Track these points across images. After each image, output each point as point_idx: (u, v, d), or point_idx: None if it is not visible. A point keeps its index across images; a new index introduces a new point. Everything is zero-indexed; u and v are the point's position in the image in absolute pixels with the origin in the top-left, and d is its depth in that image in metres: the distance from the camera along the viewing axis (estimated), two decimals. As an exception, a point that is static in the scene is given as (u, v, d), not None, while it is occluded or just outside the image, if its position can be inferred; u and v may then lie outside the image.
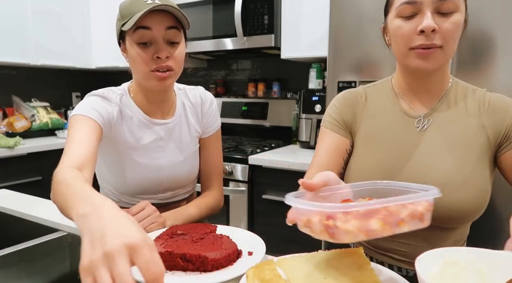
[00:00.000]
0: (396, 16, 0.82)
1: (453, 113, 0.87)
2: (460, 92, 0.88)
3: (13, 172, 2.20)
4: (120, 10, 0.95)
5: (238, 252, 0.75)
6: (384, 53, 1.57)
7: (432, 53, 0.79)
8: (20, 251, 0.87)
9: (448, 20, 0.77)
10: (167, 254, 0.71)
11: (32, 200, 1.19)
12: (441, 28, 0.77)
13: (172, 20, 0.93)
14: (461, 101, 0.87)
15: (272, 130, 2.55)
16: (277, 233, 1.92)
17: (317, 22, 2.01)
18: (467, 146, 0.84)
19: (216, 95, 2.81)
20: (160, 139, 1.05)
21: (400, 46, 0.82)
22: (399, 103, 0.91)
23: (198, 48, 2.38)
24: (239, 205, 2.02)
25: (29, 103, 2.73)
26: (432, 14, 0.77)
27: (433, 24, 0.76)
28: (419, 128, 0.87)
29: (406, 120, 0.89)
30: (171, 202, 1.11)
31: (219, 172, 1.18)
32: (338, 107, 0.96)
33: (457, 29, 0.79)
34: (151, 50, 0.92)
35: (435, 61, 0.80)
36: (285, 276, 0.60)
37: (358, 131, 0.94)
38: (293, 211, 0.59)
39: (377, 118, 0.92)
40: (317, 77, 2.23)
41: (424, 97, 0.89)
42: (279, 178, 1.91)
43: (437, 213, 0.80)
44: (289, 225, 0.60)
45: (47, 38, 2.59)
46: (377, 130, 0.91)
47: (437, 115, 0.87)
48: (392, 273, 0.64)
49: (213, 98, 1.17)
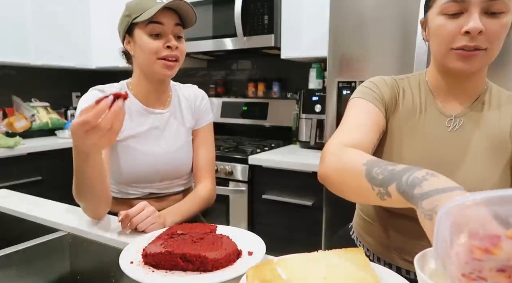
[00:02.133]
0: (439, 13, 0.77)
1: (485, 116, 0.83)
2: (495, 95, 0.85)
3: (13, 172, 2.20)
4: (127, 7, 1.05)
5: (238, 252, 0.75)
6: (384, 53, 1.58)
7: (475, 56, 0.74)
8: (20, 251, 0.87)
9: (496, 21, 0.72)
10: (167, 254, 0.71)
11: (32, 200, 1.19)
12: (488, 30, 0.72)
13: (178, 18, 1.06)
14: (494, 105, 0.84)
15: (272, 130, 2.55)
16: (277, 233, 1.92)
17: (317, 22, 2.01)
18: (497, 151, 0.80)
19: (216, 95, 2.81)
20: (155, 128, 1.12)
21: (441, 45, 0.78)
22: (433, 100, 0.87)
23: (198, 48, 2.38)
24: (239, 205, 2.02)
25: (29, 103, 2.73)
26: (480, 14, 0.72)
27: (480, 26, 0.71)
28: (450, 128, 0.84)
29: (439, 119, 0.85)
30: (168, 194, 1.17)
31: (211, 163, 1.21)
32: (378, 85, 0.88)
33: (504, 31, 0.73)
34: (161, 40, 1.03)
35: (477, 63, 0.75)
36: (285, 276, 0.60)
37: (392, 118, 0.87)
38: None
39: (411, 111, 0.87)
40: (317, 77, 2.24)
41: (458, 97, 0.85)
42: (279, 178, 1.91)
43: None
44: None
45: (47, 38, 2.59)
46: (411, 124, 0.86)
47: (469, 116, 0.83)
48: (392, 272, 0.64)
49: (205, 94, 1.26)
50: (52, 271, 0.92)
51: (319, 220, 1.69)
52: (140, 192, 1.13)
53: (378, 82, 0.89)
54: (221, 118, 2.70)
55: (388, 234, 0.90)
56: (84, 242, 0.92)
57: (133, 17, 1.02)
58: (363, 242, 0.98)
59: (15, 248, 0.87)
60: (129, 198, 1.13)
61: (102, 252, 0.89)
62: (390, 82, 0.89)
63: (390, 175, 0.60)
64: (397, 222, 0.88)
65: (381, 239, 0.92)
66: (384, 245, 0.91)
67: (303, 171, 1.80)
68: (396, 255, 0.89)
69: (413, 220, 0.81)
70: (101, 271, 0.89)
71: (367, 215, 0.96)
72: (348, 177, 0.69)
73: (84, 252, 0.92)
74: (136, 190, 1.12)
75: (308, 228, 1.81)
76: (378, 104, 0.85)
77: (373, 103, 0.85)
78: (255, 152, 2.08)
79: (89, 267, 0.92)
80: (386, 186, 0.60)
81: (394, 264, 0.90)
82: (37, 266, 0.90)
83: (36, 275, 0.90)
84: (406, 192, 0.56)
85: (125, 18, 1.05)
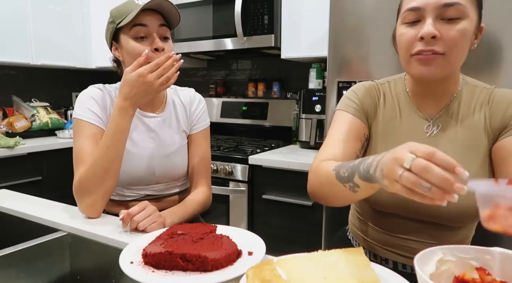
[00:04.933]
0: (401, 23, 0.81)
1: (461, 117, 0.86)
2: (469, 94, 0.87)
3: (13, 172, 2.20)
4: (112, 14, 1.05)
5: (238, 252, 0.75)
6: (384, 53, 1.58)
7: (434, 60, 0.76)
8: (20, 251, 0.87)
9: (451, 27, 0.75)
10: (167, 254, 0.71)
11: (32, 200, 1.19)
12: (444, 35, 0.75)
13: (162, 19, 1.05)
14: (469, 104, 0.86)
15: (272, 130, 2.55)
16: (277, 233, 1.92)
17: (317, 22, 2.01)
18: (473, 149, 0.83)
19: (216, 95, 2.81)
20: (151, 131, 1.13)
21: (403, 53, 0.82)
22: (412, 104, 0.90)
23: (198, 48, 2.38)
24: (239, 205, 2.02)
25: (29, 103, 2.73)
26: (435, 20, 0.75)
27: (432, 30, 0.74)
28: (428, 134, 0.87)
29: (417, 123, 0.88)
30: (165, 195, 1.18)
31: (206, 168, 1.21)
32: (359, 95, 0.94)
33: (462, 36, 0.75)
34: (147, 43, 1.02)
35: (437, 68, 0.77)
36: (285, 276, 0.61)
37: (374, 124, 0.92)
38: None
39: (392, 116, 0.91)
40: (317, 77, 2.23)
41: (434, 101, 0.88)
42: (279, 178, 1.91)
43: (447, 213, 0.82)
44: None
45: (47, 38, 2.59)
46: (392, 129, 0.90)
47: (445, 119, 0.87)
48: (392, 272, 0.64)
49: (202, 99, 1.25)
50: (52, 271, 0.92)
51: (319, 220, 1.69)
52: (136, 194, 1.13)
53: (359, 91, 0.94)
54: (221, 118, 2.70)
55: (380, 232, 0.94)
56: (84, 242, 0.92)
57: (117, 23, 1.02)
58: (358, 241, 1.01)
59: (15, 248, 0.87)
60: (126, 200, 1.13)
61: (102, 252, 0.89)
62: (370, 89, 0.94)
63: (351, 170, 0.71)
64: (387, 221, 0.92)
65: (374, 236, 0.95)
66: (378, 242, 0.94)
67: (303, 171, 1.80)
68: (390, 251, 0.92)
69: (401, 218, 0.89)
70: (101, 271, 0.89)
71: (361, 214, 1.00)
72: (325, 186, 0.80)
73: (84, 252, 0.92)
74: (132, 192, 1.13)
75: (308, 228, 1.81)
76: (358, 114, 0.91)
77: (353, 115, 0.91)
78: (255, 152, 2.08)
79: (89, 267, 0.92)
80: (352, 179, 0.70)
81: (390, 259, 0.92)
82: (37, 266, 0.90)
83: (36, 275, 0.90)
84: (366, 177, 0.66)
85: (110, 25, 1.05)
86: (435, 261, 0.57)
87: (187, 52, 2.43)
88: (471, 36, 0.78)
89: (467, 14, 0.75)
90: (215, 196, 1.24)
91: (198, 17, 2.34)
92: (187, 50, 2.42)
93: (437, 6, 0.74)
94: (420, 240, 0.89)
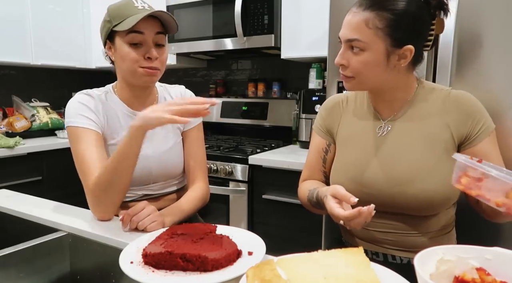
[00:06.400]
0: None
1: (416, 116, 0.94)
2: (425, 95, 0.95)
3: (13, 172, 2.20)
4: (109, 11, 1.03)
5: (238, 252, 0.75)
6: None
7: (348, 81, 0.93)
8: (20, 251, 0.87)
9: (355, 58, 0.89)
10: (167, 254, 0.71)
11: (32, 200, 1.19)
12: (350, 63, 0.90)
13: (160, 26, 1.03)
14: (425, 104, 0.94)
15: (272, 130, 2.55)
16: (277, 233, 1.92)
17: (317, 22, 2.01)
18: (431, 142, 0.91)
19: (216, 95, 2.81)
20: None
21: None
22: (372, 107, 1.00)
23: (198, 48, 2.38)
24: (239, 205, 2.02)
25: (29, 103, 2.73)
26: (347, 50, 0.90)
27: (338, 60, 0.91)
28: (379, 134, 0.97)
29: (372, 125, 0.98)
30: (163, 194, 1.17)
31: (202, 163, 1.21)
32: (323, 114, 1.10)
33: (364, 66, 0.88)
34: (141, 50, 1.01)
35: (353, 86, 0.94)
36: (285, 276, 0.61)
37: (338, 133, 1.05)
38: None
39: (352, 120, 1.03)
40: (317, 77, 2.23)
41: (387, 106, 0.97)
42: (279, 178, 1.90)
43: (406, 203, 0.91)
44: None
45: (47, 38, 2.59)
46: (351, 132, 1.02)
47: (400, 120, 0.95)
48: (392, 272, 0.64)
49: (192, 94, 1.25)
50: (52, 271, 0.92)
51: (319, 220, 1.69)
52: (134, 194, 1.13)
53: (325, 111, 1.10)
54: (221, 118, 2.70)
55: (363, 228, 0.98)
56: (84, 242, 0.92)
57: (113, 24, 1.00)
58: (349, 240, 1.05)
59: (15, 248, 0.87)
60: (125, 200, 1.12)
61: (102, 252, 0.89)
62: (335, 105, 1.08)
63: (311, 194, 0.99)
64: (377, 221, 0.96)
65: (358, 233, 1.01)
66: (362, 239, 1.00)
67: (303, 171, 1.80)
68: (379, 246, 0.97)
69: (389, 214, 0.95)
70: (101, 271, 0.89)
71: None
72: (305, 204, 1.07)
73: (84, 252, 0.92)
74: (130, 192, 1.12)
75: (308, 228, 1.81)
76: (321, 133, 1.10)
77: (317, 133, 1.11)
78: (255, 152, 2.08)
79: (89, 267, 0.92)
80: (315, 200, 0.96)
81: (380, 252, 0.98)
82: (37, 266, 0.90)
83: (36, 275, 0.90)
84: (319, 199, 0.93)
85: (106, 23, 1.03)
86: (435, 261, 0.57)
87: (187, 52, 2.43)
88: (381, 62, 0.87)
89: (369, 47, 0.86)
90: (215, 196, 1.24)
91: (198, 17, 2.34)
92: (187, 50, 2.42)
93: (344, 40, 0.90)
94: (399, 231, 0.94)
